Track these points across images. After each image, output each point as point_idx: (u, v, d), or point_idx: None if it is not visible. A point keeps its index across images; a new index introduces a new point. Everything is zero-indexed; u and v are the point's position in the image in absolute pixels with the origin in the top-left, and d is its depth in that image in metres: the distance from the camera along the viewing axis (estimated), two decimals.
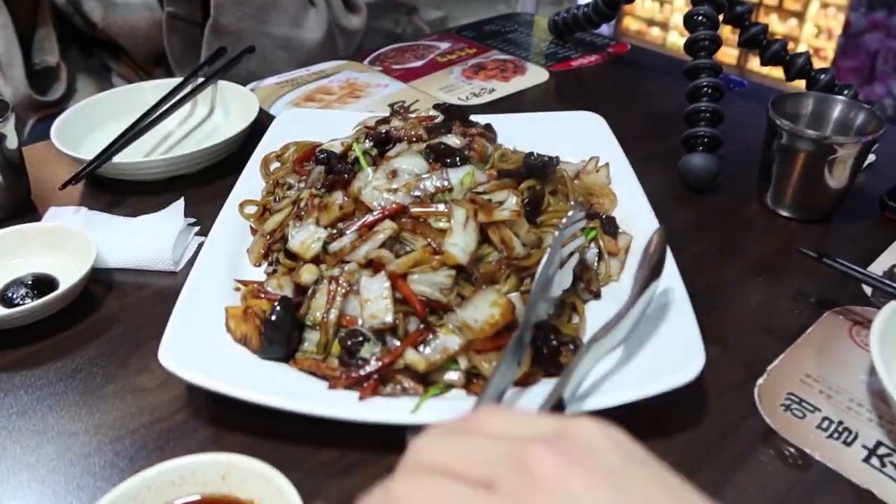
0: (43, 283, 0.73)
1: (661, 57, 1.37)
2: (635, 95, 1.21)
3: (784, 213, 0.87)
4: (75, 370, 0.66)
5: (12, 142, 0.85)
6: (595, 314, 0.68)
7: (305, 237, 0.68)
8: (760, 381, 0.64)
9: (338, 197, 0.71)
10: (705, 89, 0.95)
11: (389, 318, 0.60)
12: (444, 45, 1.38)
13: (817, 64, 1.01)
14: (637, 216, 0.79)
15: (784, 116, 0.85)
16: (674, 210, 0.89)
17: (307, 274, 0.65)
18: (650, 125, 1.10)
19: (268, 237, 0.75)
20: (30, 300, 0.71)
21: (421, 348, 0.59)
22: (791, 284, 0.76)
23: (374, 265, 0.64)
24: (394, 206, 0.68)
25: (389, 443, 0.57)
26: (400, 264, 0.62)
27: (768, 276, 0.78)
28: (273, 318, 0.60)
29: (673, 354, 0.59)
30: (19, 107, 1.55)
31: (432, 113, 0.93)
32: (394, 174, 0.71)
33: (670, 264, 0.69)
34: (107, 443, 0.59)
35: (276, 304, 0.61)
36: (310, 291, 0.63)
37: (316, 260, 0.67)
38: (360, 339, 0.59)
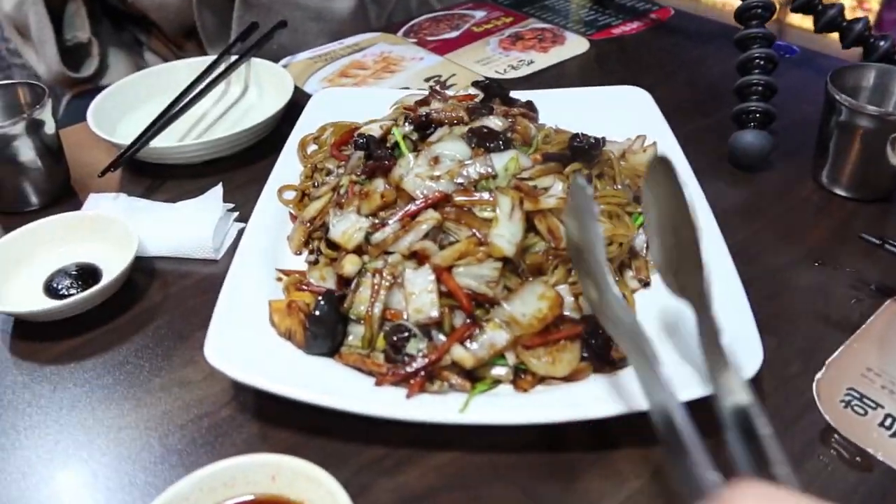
0: (86, 273, 0.73)
1: (706, 22, 1.31)
2: (680, 65, 1.16)
3: (841, 193, 0.83)
4: (122, 363, 0.66)
5: (50, 127, 0.85)
6: (645, 303, 0.66)
7: (347, 227, 0.67)
8: (819, 375, 0.62)
9: (379, 184, 0.69)
10: (757, 61, 0.91)
11: (435, 313, 0.59)
12: (480, 14, 1.33)
13: (861, 14, 0.95)
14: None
15: (843, 90, 0.80)
16: (724, 190, 0.85)
17: (350, 265, 0.64)
18: (697, 98, 1.06)
19: (308, 225, 0.74)
20: (75, 290, 0.71)
21: (468, 344, 0.57)
22: (850, 270, 0.73)
23: (418, 257, 0.63)
24: (437, 194, 0.66)
25: (437, 439, 0.57)
26: (444, 257, 0.61)
27: (825, 261, 0.74)
28: (317, 313, 0.59)
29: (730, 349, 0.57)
30: (54, 83, 1.56)
31: (471, 91, 0.90)
32: (436, 161, 0.69)
33: (723, 251, 0.66)
34: (156, 438, 0.59)
35: (320, 298, 0.60)
36: (353, 284, 0.62)
37: (358, 250, 0.66)
38: (406, 334, 0.58)
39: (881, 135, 0.77)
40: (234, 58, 1.05)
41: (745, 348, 0.56)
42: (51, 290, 0.71)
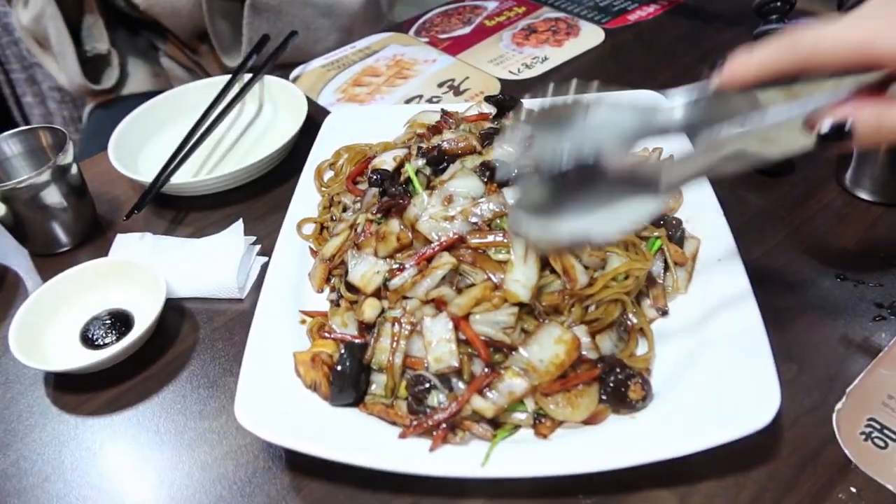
0: (119, 320, 0.76)
1: (726, 1, 1.26)
2: (699, 53, 1.13)
3: (865, 197, 0.82)
4: (158, 413, 0.69)
5: (73, 169, 0.87)
6: (663, 333, 0.66)
7: (365, 270, 0.68)
8: (839, 405, 0.62)
9: (395, 225, 0.70)
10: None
11: (455, 362, 0.60)
12: (492, 6, 1.31)
13: None
14: (704, 214, 0.75)
15: None
16: (744, 197, 0.84)
17: (370, 310, 0.66)
18: None
19: (328, 262, 0.75)
20: (110, 339, 0.74)
21: (487, 393, 0.59)
22: (873, 285, 0.72)
23: (435, 302, 0.64)
24: (452, 236, 0.67)
25: (463, 487, 0.59)
26: (462, 306, 0.62)
27: (848, 274, 0.74)
28: (339, 368, 0.61)
29: (744, 393, 0.57)
30: (76, 93, 1.58)
31: (484, 109, 0.90)
32: (449, 200, 0.69)
33: (742, 279, 0.66)
34: (195, 490, 0.62)
35: (342, 351, 0.62)
36: (374, 333, 0.64)
37: (377, 292, 0.68)
38: (426, 386, 0.60)
39: None
40: (247, 77, 1.06)
41: (761, 396, 0.56)
42: (87, 339, 0.75)
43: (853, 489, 0.56)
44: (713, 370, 0.60)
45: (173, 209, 0.93)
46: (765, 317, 0.62)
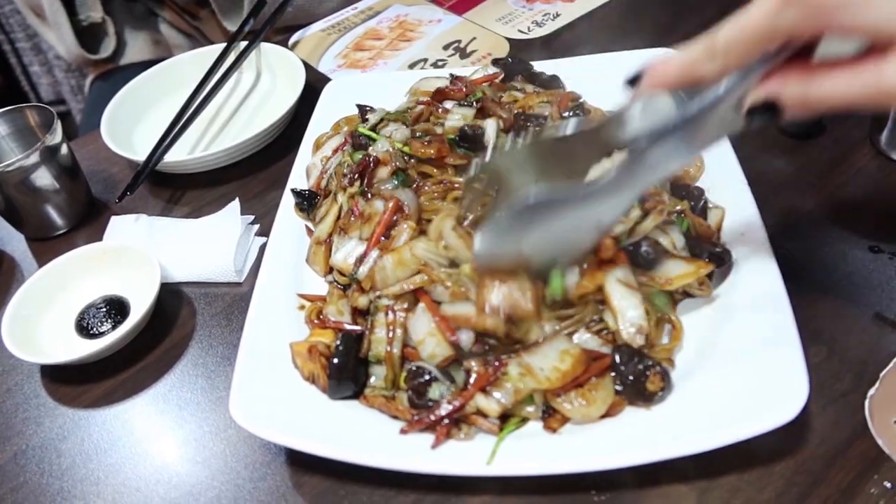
0: (115, 307, 0.73)
1: None
2: (721, 5, 1.05)
3: None
4: (154, 405, 0.67)
5: (64, 149, 0.84)
6: (692, 327, 0.61)
7: (347, 253, 0.66)
8: (872, 391, 0.58)
9: (378, 206, 0.66)
10: None
11: (448, 352, 0.57)
12: None
13: None
14: (727, 183, 0.70)
15: None
16: (771, 162, 0.79)
17: (363, 298, 0.63)
18: None
19: (324, 244, 0.71)
20: (106, 327, 0.72)
21: (492, 392, 0.55)
22: None
23: (414, 294, 0.60)
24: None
25: (468, 484, 0.56)
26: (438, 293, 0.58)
27: (884, 245, 0.68)
28: (336, 360, 0.58)
29: (769, 383, 0.53)
30: (75, 64, 1.54)
31: (490, 71, 0.84)
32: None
33: (767, 256, 0.61)
34: (192, 485, 0.60)
35: (338, 343, 0.59)
36: (368, 324, 0.60)
37: None
38: (427, 378, 0.57)
39: None
40: (242, 45, 1.01)
41: (788, 386, 0.52)
42: (82, 328, 0.72)
43: (887, 484, 0.52)
44: (736, 358, 0.56)
45: (169, 188, 0.89)
46: (792, 295, 0.58)
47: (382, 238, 0.65)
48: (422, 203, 0.66)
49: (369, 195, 0.68)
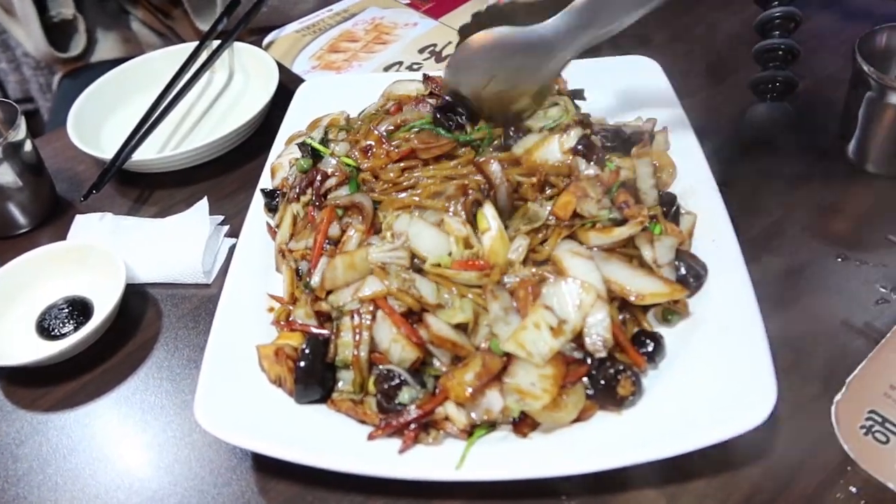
0: (77, 308, 0.71)
1: None
2: (694, 16, 1.06)
3: (869, 169, 0.77)
4: (117, 409, 0.65)
5: (28, 146, 0.82)
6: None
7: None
8: (838, 396, 0.58)
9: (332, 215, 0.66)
10: (777, 20, 0.82)
11: (413, 355, 0.56)
12: None
13: None
14: (699, 189, 0.71)
15: (874, 55, 0.73)
16: (741, 170, 0.79)
17: (324, 304, 0.62)
18: (714, 60, 0.97)
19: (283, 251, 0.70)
20: (67, 328, 0.70)
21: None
22: (874, 265, 0.68)
23: (373, 303, 0.59)
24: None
25: (437, 488, 0.55)
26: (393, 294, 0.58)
27: (849, 254, 0.69)
28: (303, 364, 0.57)
29: (738, 388, 0.53)
30: (44, 62, 1.51)
31: None
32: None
33: (738, 263, 0.62)
34: (155, 490, 0.58)
35: (304, 347, 0.58)
36: (333, 328, 0.59)
37: None
38: (397, 381, 0.56)
39: None
40: (215, 44, 0.99)
41: (756, 391, 0.52)
42: (43, 329, 0.70)
43: (852, 489, 0.53)
44: (706, 363, 0.56)
45: (137, 187, 0.88)
46: (761, 302, 0.58)
47: (329, 245, 0.64)
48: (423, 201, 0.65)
49: (317, 204, 0.68)
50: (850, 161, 0.78)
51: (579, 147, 0.65)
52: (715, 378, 0.54)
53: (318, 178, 0.70)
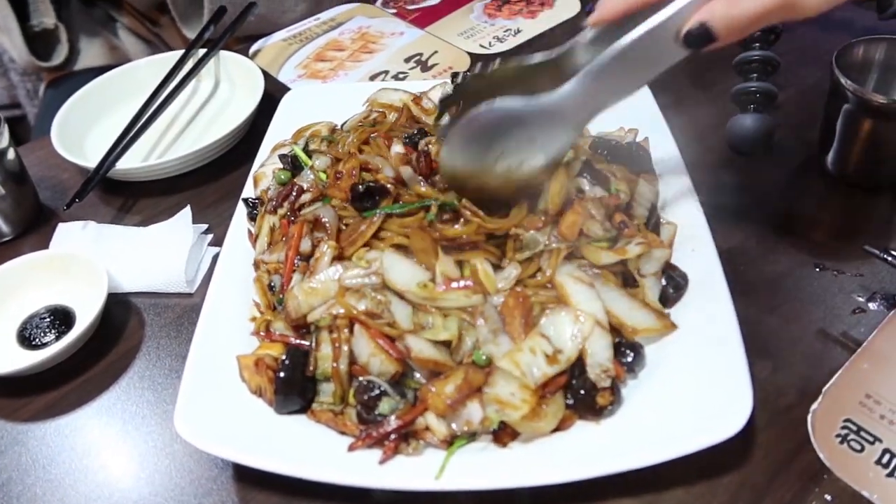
0: (59, 317, 0.71)
1: None
2: None
3: (847, 181, 0.78)
4: (99, 419, 0.65)
5: (10, 153, 0.81)
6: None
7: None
8: (815, 405, 0.59)
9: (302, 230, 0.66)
10: (757, 32, 0.83)
11: (394, 368, 0.56)
12: None
13: None
14: (679, 199, 0.72)
15: (851, 68, 0.74)
16: (721, 180, 0.80)
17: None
18: (695, 70, 0.98)
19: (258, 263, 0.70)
20: (49, 337, 0.69)
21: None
22: (852, 275, 0.69)
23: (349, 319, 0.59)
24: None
25: (419, 498, 0.55)
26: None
27: (826, 263, 0.70)
28: (282, 374, 0.57)
29: (715, 397, 0.54)
30: (28, 71, 1.50)
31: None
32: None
33: (717, 273, 0.63)
34: (144, 499, 0.58)
35: (284, 358, 0.58)
36: (312, 342, 0.59)
37: None
38: (377, 392, 0.56)
39: (892, 124, 0.71)
40: (201, 53, 1.00)
41: (733, 400, 0.53)
42: (24, 339, 0.70)
43: (828, 497, 0.53)
44: (684, 373, 0.57)
45: (121, 196, 0.88)
46: (739, 310, 0.59)
47: (300, 261, 0.65)
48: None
49: (292, 219, 0.69)
50: (828, 172, 0.79)
51: (585, 175, 0.66)
52: (693, 388, 0.55)
53: (294, 192, 0.71)
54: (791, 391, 0.60)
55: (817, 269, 0.70)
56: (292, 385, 0.57)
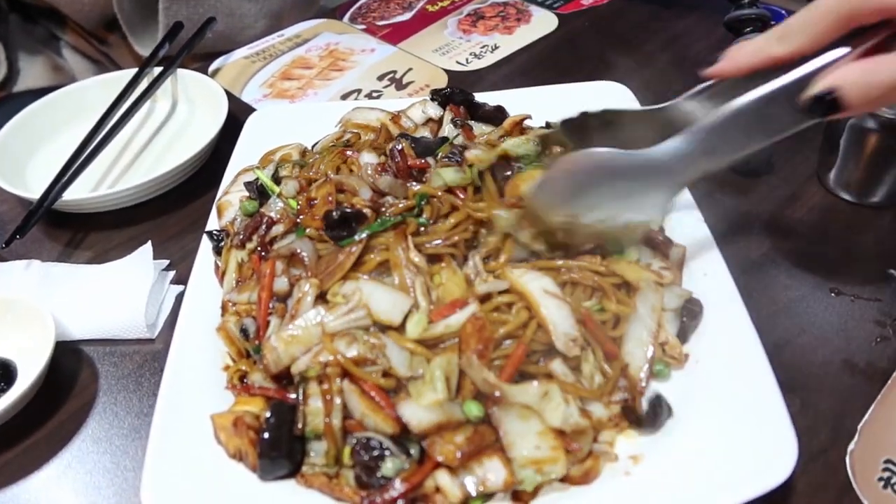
0: None
1: None
2: (660, 42, 1.04)
3: (849, 199, 0.75)
4: (48, 496, 0.56)
5: None
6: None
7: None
8: (852, 446, 0.54)
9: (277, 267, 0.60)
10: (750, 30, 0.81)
11: (391, 428, 0.50)
12: None
13: None
14: (684, 220, 0.67)
15: None
16: (723, 202, 0.76)
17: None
18: (684, 83, 0.95)
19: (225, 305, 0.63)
20: None
21: (459, 472, 0.48)
22: (869, 300, 0.65)
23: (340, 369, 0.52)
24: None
25: None
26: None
27: (842, 288, 0.66)
28: (267, 435, 0.49)
29: (754, 442, 0.49)
30: None
31: (429, 109, 0.78)
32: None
33: (736, 301, 0.58)
34: None
35: (268, 415, 0.50)
36: (300, 394, 0.52)
37: None
38: (378, 452, 0.49)
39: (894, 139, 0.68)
40: (157, 71, 0.92)
41: (774, 445, 0.48)
42: None
43: None
44: (714, 415, 0.51)
45: (68, 230, 0.79)
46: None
47: (276, 302, 0.58)
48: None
49: (263, 254, 0.62)
50: (830, 190, 0.76)
51: None
52: (728, 433, 0.50)
53: (264, 223, 0.64)
54: (824, 430, 0.56)
55: (833, 294, 0.66)
56: (279, 446, 0.50)
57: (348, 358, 0.51)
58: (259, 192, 0.70)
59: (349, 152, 0.71)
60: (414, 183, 0.63)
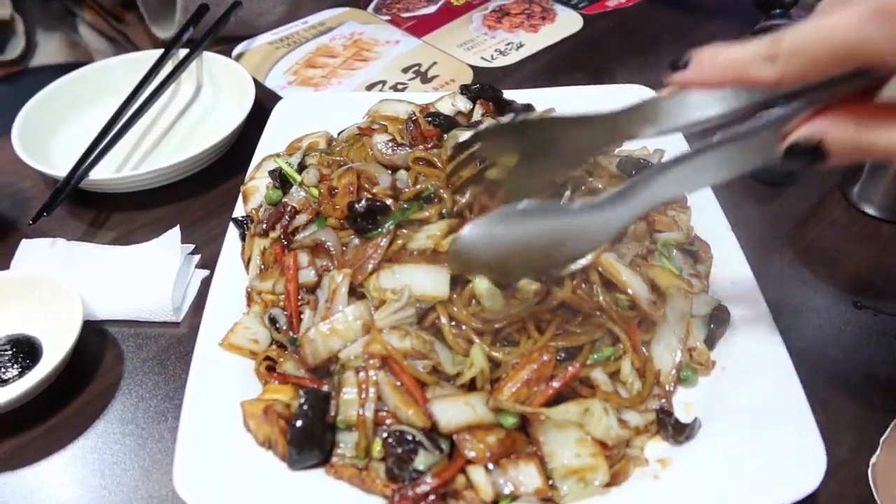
0: (22, 349, 0.62)
1: None
2: (685, 46, 1.04)
3: (872, 213, 0.75)
4: (69, 471, 0.56)
5: None
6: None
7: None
8: (874, 459, 0.55)
9: (303, 259, 0.60)
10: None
11: (422, 422, 0.50)
12: None
13: None
14: (711, 228, 0.67)
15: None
16: (748, 212, 0.76)
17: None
18: None
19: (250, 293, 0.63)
20: (12, 373, 0.60)
21: (491, 468, 0.49)
22: (892, 314, 0.66)
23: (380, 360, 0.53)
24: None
25: None
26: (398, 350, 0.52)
27: (866, 301, 0.67)
28: (299, 423, 0.50)
29: (782, 449, 0.49)
30: None
31: (458, 102, 0.78)
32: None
33: (765, 316, 0.58)
34: None
35: (301, 402, 0.50)
36: (334, 383, 0.52)
37: None
38: (412, 445, 0.49)
39: None
40: (182, 53, 0.91)
41: (802, 453, 0.48)
42: None
43: None
44: (744, 424, 0.52)
45: (92, 209, 0.78)
46: None
47: (306, 294, 0.58)
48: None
49: (285, 244, 0.62)
50: (854, 204, 0.76)
51: None
52: (757, 441, 0.50)
53: (287, 213, 0.64)
54: (846, 441, 0.56)
55: (856, 307, 0.67)
56: (310, 436, 0.50)
57: (398, 349, 0.52)
58: (281, 181, 0.70)
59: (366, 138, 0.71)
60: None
